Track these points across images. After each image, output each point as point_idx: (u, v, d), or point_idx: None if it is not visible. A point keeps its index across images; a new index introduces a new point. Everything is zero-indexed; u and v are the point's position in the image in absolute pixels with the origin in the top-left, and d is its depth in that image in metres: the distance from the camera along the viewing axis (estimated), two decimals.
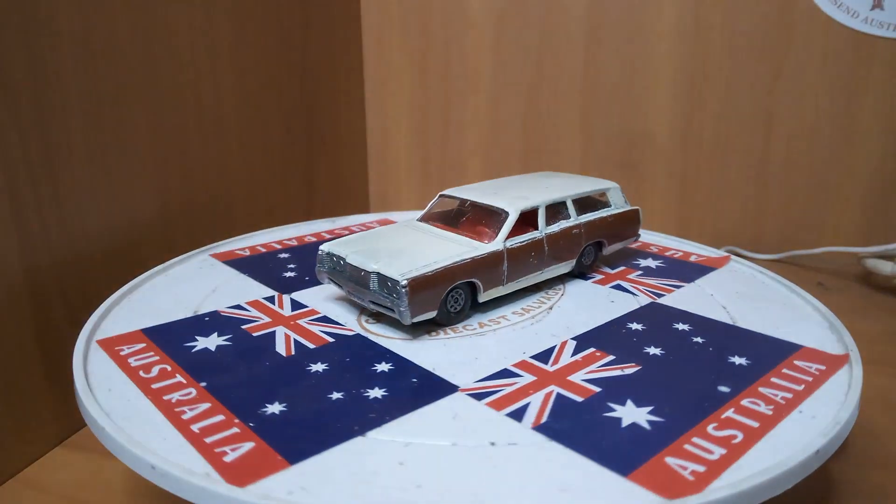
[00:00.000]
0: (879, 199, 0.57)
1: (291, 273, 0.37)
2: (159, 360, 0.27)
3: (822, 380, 0.27)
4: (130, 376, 0.26)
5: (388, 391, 0.25)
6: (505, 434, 0.23)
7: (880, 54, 0.54)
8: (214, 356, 0.27)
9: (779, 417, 0.24)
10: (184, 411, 0.24)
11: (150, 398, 0.24)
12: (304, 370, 0.27)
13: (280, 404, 0.24)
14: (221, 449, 0.21)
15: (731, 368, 0.28)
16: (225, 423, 0.23)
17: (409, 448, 0.22)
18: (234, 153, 0.46)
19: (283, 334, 0.30)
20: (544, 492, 0.20)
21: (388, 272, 0.29)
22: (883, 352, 0.41)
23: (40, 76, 0.31)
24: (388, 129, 0.68)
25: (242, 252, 0.40)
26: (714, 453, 0.22)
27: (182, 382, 0.25)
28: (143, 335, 0.29)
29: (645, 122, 0.61)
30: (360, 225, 0.46)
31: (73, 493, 0.29)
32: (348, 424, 0.23)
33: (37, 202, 0.31)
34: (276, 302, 0.33)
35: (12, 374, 0.30)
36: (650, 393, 0.26)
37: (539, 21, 0.61)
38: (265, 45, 0.49)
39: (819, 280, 0.54)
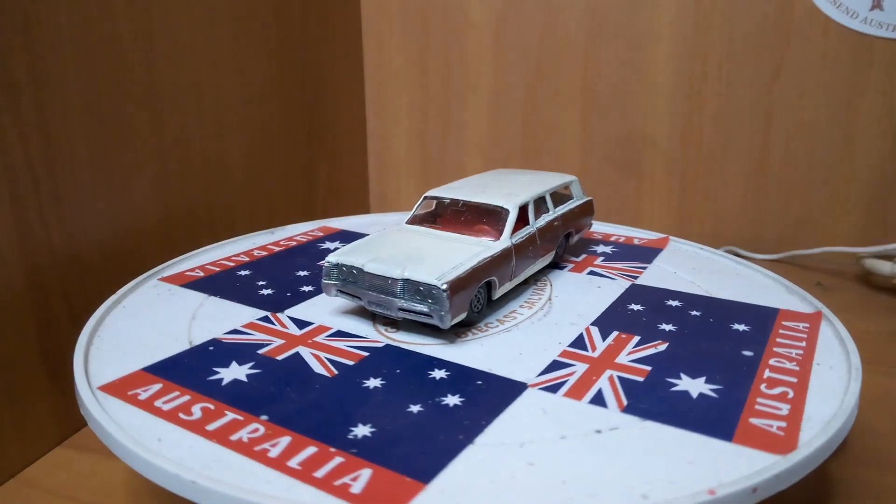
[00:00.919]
0: (879, 199, 0.57)
1: (268, 290, 0.34)
2: (192, 399, 0.24)
3: (814, 335, 0.30)
4: (171, 420, 0.23)
5: (462, 397, 0.25)
6: (602, 420, 0.24)
7: (879, 55, 0.54)
8: (252, 386, 0.25)
9: (806, 371, 0.27)
10: (266, 449, 0.21)
11: (215, 441, 0.22)
12: (362, 387, 0.25)
13: (365, 425, 0.23)
14: (341, 481, 0.20)
15: (738, 335, 0.30)
16: (323, 454, 0.21)
17: (527, 448, 0.22)
18: (234, 153, 0.46)
19: (311, 354, 0.28)
20: (676, 467, 0.21)
21: (422, 278, 0.28)
22: (882, 351, 0.41)
23: (41, 76, 0.31)
24: (388, 129, 0.68)
25: (194, 273, 0.36)
26: (782, 409, 0.24)
27: (239, 420, 0.23)
28: (150, 374, 0.26)
29: (644, 122, 0.61)
30: (304, 234, 0.43)
31: (74, 492, 0.29)
32: (450, 435, 0.22)
33: (38, 202, 0.31)
34: (276, 322, 0.31)
35: (13, 373, 0.30)
36: (693, 365, 0.28)
37: (539, 21, 0.61)
38: (265, 45, 0.49)
39: (818, 280, 0.54)
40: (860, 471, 0.30)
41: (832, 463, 0.30)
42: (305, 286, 0.35)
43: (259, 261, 0.38)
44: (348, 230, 0.45)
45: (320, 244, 0.41)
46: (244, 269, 0.37)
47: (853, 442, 0.32)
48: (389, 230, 0.34)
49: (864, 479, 0.29)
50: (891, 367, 0.39)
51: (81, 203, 0.34)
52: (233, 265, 0.37)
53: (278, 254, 0.39)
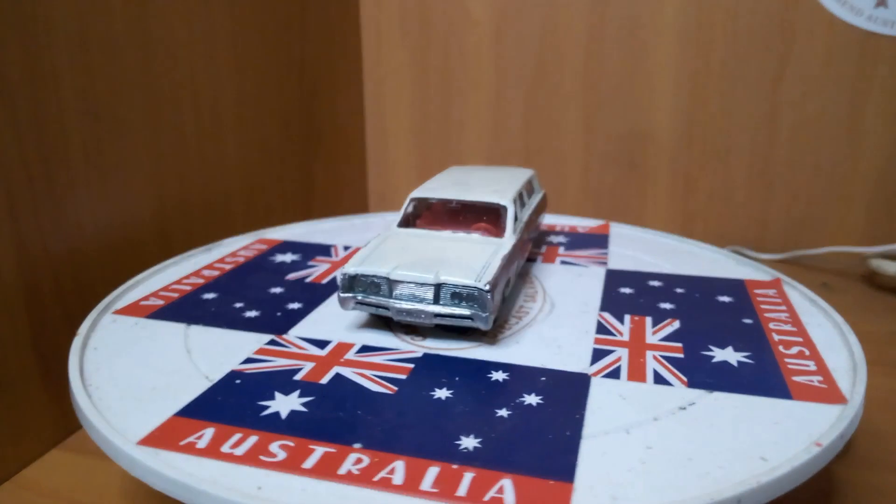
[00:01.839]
0: (884, 198, 0.57)
1: (252, 312, 0.31)
2: (261, 438, 0.22)
3: (786, 299, 0.33)
4: (256, 465, 0.20)
5: (539, 395, 0.24)
6: (677, 397, 0.25)
7: (885, 52, 0.54)
8: (316, 415, 0.23)
9: (803, 329, 0.30)
10: (387, 478, 0.20)
11: (322, 478, 0.20)
12: (434, 399, 0.24)
13: (468, 436, 0.22)
14: (490, 496, 0.19)
15: (728, 306, 0.32)
16: (449, 472, 0.20)
17: (634, 434, 0.22)
18: (231, 152, 0.46)
19: (355, 374, 0.26)
20: (768, 429, 0.23)
21: (461, 280, 0.27)
22: (887, 352, 0.41)
23: (37, 74, 0.31)
24: (387, 128, 0.68)
25: (151, 302, 0.32)
26: (810, 365, 0.27)
27: (332, 452, 0.21)
28: (190, 419, 0.23)
29: (647, 120, 0.61)
30: (245, 248, 0.40)
31: (70, 494, 0.29)
32: (557, 432, 0.22)
33: (33, 201, 0.31)
34: (289, 345, 0.28)
35: (8, 374, 0.30)
36: (713, 337, 0.29)
37: (539, 20, 0.61)
38: (263, 43, 0.49)
39: (823, 280, 0.53)
40: (863, 471, 0.29)
41: (835, 463, 0.30)
42: (291, 304, 0.32)
43: (217, 281, 0.35)
44: (291, 240, 0.42)
45: (271, 257, 0.38)
46: (206, 291, 0.33)
47: (856, 442, 0.31)
48: (388, 235, 0.32)
49: (866, 480, 0.29)
50: (895, 368, 0.39)
51: (77, 202, 0.33)
52: (190, 288, 0.34)
53: (233, 272, 0.36)
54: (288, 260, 0.38)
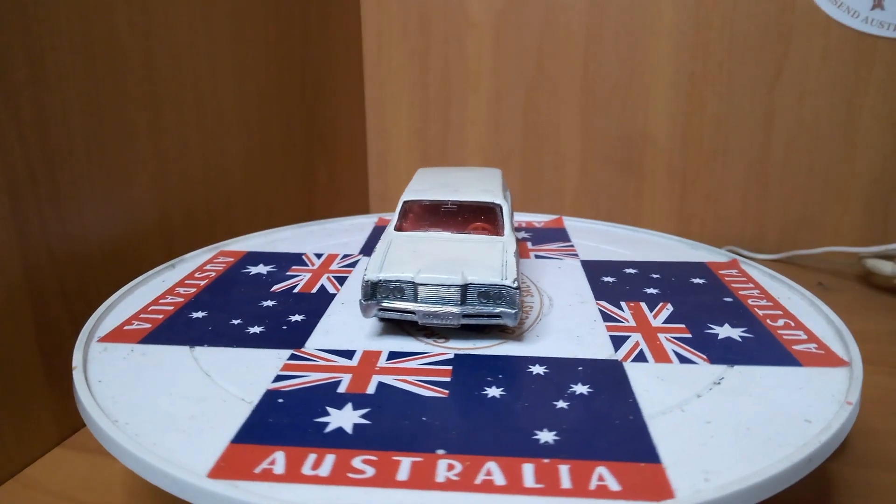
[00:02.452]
0: (880, 198, 0.57)
1: (255, 328, 0.30)
2: (338, 457, 0.21)
3: (750, 277, 0.36)
4: (348, 484, 0.20)
5: (585, 384, 0.25)
6: (706, 374, 0.26)
7: (880, 54, 0.54)
8: (382, 426, 0.23)
9: (780, 303, 0.33)
10: (489, 479, 0.20)
11: (424, 489, 0.19)
12: (489, 399, 0.24)
13: (541, 430, 0.22)
14: (595, 484, 0.19)
15: (704, 287, 0.35)
16: (545, 467, 0.20)
17: (689, 410, 0.24)
18: (233, 153, 0.46)
19: (398, 381, 0.25)
20: (798, 394, 0.25)
21: (489, 279, 0.27)
22: (883, 352, 0.41)
23: (40, 76, 0.31)
24: (388, 129, 0.68)
25: (136, 326, 0.29)
26: (800, 334, 0.29)
27: (420, 461, 0.21)
28: (250, 445, 0.21)
29: (645, 121, 0.61)
30: (210, 262, 0.38)
31: (73, 493, 0.29)
32: (621, 418, 0.23)
33: (36, 202, 0.31)
34: (315, 358, 0.27)
35: (12, 374, 0.30)
36: (707, 316, 0.32)
37: (539, 21, 0.61)
38: (265, 45, 0.49)
39: (819, 280, 0.54)
40: (860, 471, 0.30)
41: (832, 463, 0.30)
42: (292, 316, 0.31)
43: (198, 299, 0.32)
44: (256, 251, 0.40)
45: (243, 270, 0.36)
46: (192, 310, 0.31)
47: (853, 442, 0.32)
48: (391, 240, 0.32)
49: (864, 480, 0.29)
50: (891, 368, 0.39)
51: (80, 203, 0.34)
52: (172, 308, 0.31)
53: (210, 288, 0.34)
54: (263, 271, 0.36)
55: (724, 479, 0.20)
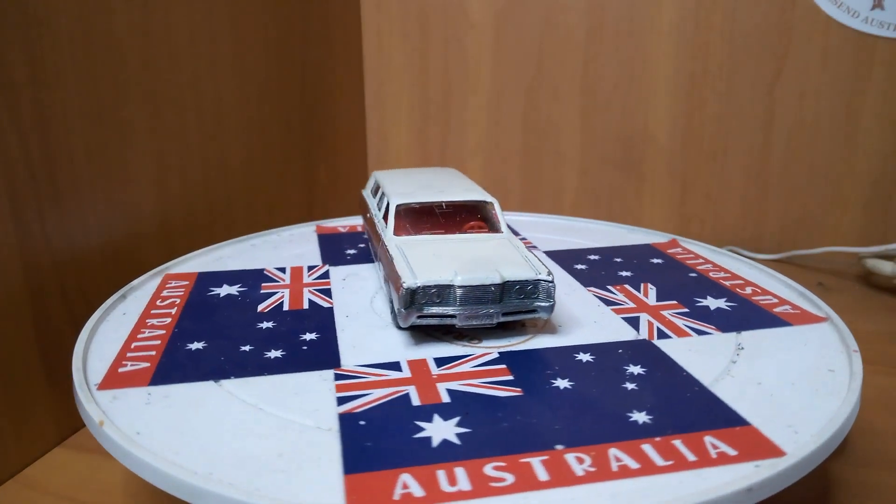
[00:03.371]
0: (880, 199, 0.57)
1: (274, 353, 0.28)
2: (468, 468, 0.21)
3: (696, 254, 0.40)
4: (489, 493, 0.19)
5: (637, 364, 0.27)
6: (727, 341, 0.29)
7: (880, 54, 0.54)
8: (482, 432, 0.22)
9: (737, 274, 0.37)
10: (626, 466, 0.20)
11: (575, 483, 0.20)
12: (562, 390, 0.25)
13: (631, 412, 0.23)
14: (717, 451, 0.21)
15: (665, 266, 0.38)
16: (663, 443, 0.21)
17: (739, 375, 0.26)
18: (233, 153, 0.46)
19: (466, 385, 0.25)
20: (811, 348, 0.28)
21: (526, 275, 0.28)
22: (883, 352, 0.41)
23: (40, 76, 0.31)
24: (388, 129, 0.68)
25: (136, 366, 0.27)
26: (771, 298, 0.33)
27: (547, 459, 0.21)
28: (371, 474, 0.20)
29: (645, 121, 0.61)
30: (167, 288, 0.35)
31: (73, 493, 0.29)
32: (691, 390, 0.25)
33: (37, 202, 0.31)
34: (362, 375, 0.26)
35: (12, 374, 0.30)
36: (687, 291, 0.34)
37: (539, 21, 0.61)
38: (265, 44, 0.49)
39: (819, 280, 0.54)
40: (860, 471, 0.30)
41: (832, 463, 0.30)
42: (304, 335, 0.29)
43: (182, 329, 0.30)
44: (209, 271, 0.37)
45: (210, 293, 0.34)
46: (183, 341, 0.29)
47: (853, 442, 0.32)
48: (399, 245, 0.31)
49: (864, 479, 0.29)
50: (891, 368, 0.39)
51: (80, 203, 0.34)
52: (160, 342, 0.29)
53: (187, 315, 0.31)
54: (234, 292, 0.34)
55: (810, 430, 0.22)
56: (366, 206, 0.39)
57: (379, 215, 0.35)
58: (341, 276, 0.36)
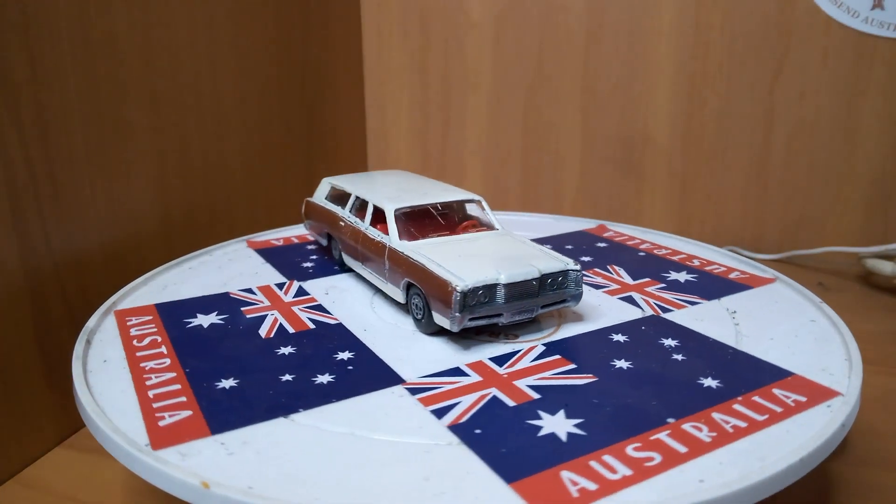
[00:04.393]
0: (880, 198, 0.57)
1: (322, 378, 0.26)
2: (616, 453, 0.21)
3: (630, 235, 0.43)
4: (657, 472, 0.20)
5: (669, 338, 0.29)
6: (720, 307, 0.33)
7: (881, 54, 0.54)
8: (598, 418, 0.23)
9: (671, 247, 0.42)
10: (737, 426, 0.23)
11: (707, 451, 0.21)
12: (627, 370, 0.27)
13: (700, 380, 0.26)
14: (789, 401, 0.24)
15: (612, 249, 0.41)
16: (750, 402, 0.24)
17: (762, 333, 0.30)
18: (234, 153, 0.46)
19: (540, 380, 0.26)
20: (781, 307, 0.33)
21: (559, 267, 0.29)
22: (883, 352, 0.41)
23: (40, 76, 0.31)
24: (388, 129, 0.68)
25: (179, 416, 0.24)
26: (716, 267, 0.39)
27: (671, 432, 0.22)
28: (533, 478, 0.20)
29: (645, 121, 0.61)
30: (133, 325, 0.31)
31: (73, 493, 0.29)
32: (728, 352, 0.28)
33: (37, 202, 0.31)
34: (436, 385, 0.26)
35: (12, 374, 0.30)
36: (647, 269, 0.38)
37: (539, 21, 0.61)
38: (265, 44, 0.49)
39: (819, 280, 0.54)
40: (860, 470, 0.30)
41: (832, 463, 0.30)
42: (338, 354, 0.28)
43: (191, 369, 0.27)
44: (162, 303, 0.33)
45: (188, 323, 0.31)
46: (209, 382, 0.26)
47: (854, 442, 0.32)
48: (422, 250, 0.31)
49: (864, 479, 0.29)
50: (891, 368, 0.39)
51: (80, 203, 0.34)
52: (180, 386, 0.26)
53: (183, 353, 0.28)
54: (216, 321, 0.31)
55: (841, 371, 0.26)
56: (327, 214, 0.38)
57: (364, 223, 0.34)
58: (321, 291, 0.35)
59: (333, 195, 0.39)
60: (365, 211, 0.35)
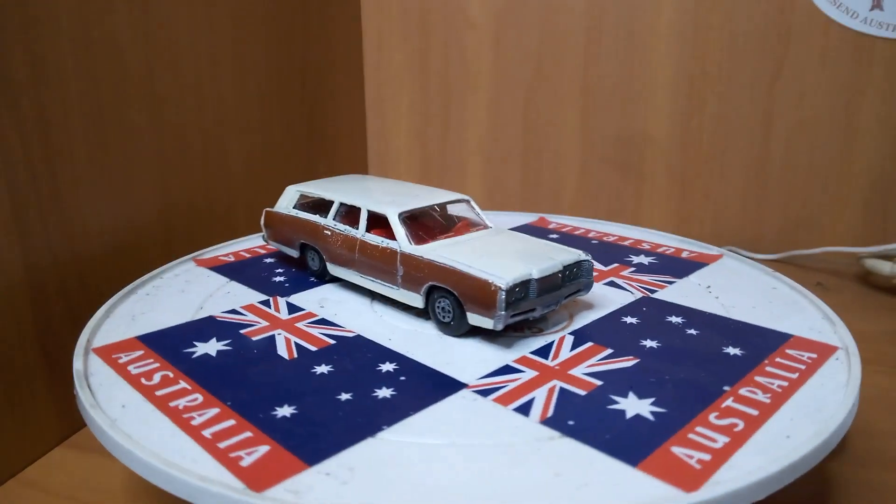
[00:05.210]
0: (879, 199, 0.57)
1: (379, 393, 0.25)
2: (699, 421, 0.23)
3: (563, 223, 0.47)
4: (745, 438, 0.22)
5: (675, 315, 0.32)
6: (693, 283, 0.36)
7: (879, 55, 0.54)
8: (670, 392, 0.25)
9: (621, 231, 0.45)
10: (783, 385, 0.25)
11: (765, 419, 0.23)
12: (656, 349, 0.28)
13: (721, 349, 0.28)
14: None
15: (566, 239, 0.43)
16: (778, 364, 0.27)
17: (765, 297, 0.34)
18: (234, 153, 0.46)
19: (588, 369, 0.27)
20: (746, 274, 0.37)
21: (575, 258, 0.30)
22: (882, 352, 0.41)
23: (41, 76, 0.31)
24: (388, 129, 0.68)
25: (253, 455, 0.22)
26: (671, 247, 0.43)
27: (738, 397, 0.25)
28: (661, 454, 0.21)
29: (644, 122, 0.61)
30: (131, 363, 0.28)
31: (74, 493, 0.29)
32: (730, 322, 0.31)
33: (38, 202, 0.31)
34: (501, 384, 0.26)
35: (13, 373, 0.30)
36: (610, 254, 0.41)
37: (539, 21, 0.61)
38: (266, 45, 0.49)
39: (818, 280, 0.54)
40: (860, 470, 0.30)
41: (832, 462, 0.30)
42: (381, 366, 0.27)
43: (239, 401, 0.25)
44: (144, 334, 0.30)
45: (193, 355, 0.28)
46: (266, 411, 0.24)
47: (853, 441, 0.32)
48: (442, 251, 0.30)
49: (863, 479, 0.29)
50: (890, 367, 0.39)
51: (81, 202, 0.34)
52: (235, 422, 0.23)
53: (209, 384, 0.26)
54: (222, 347, 0.29)
55: (826, 328, 0.30)
56: (301, 223, 0.36)
57: (359, 230, 0.33)
58: (314, 304, 0.33)
59: (304, 203, 0.37)
60: (355, 217, 0.34)
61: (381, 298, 0.34)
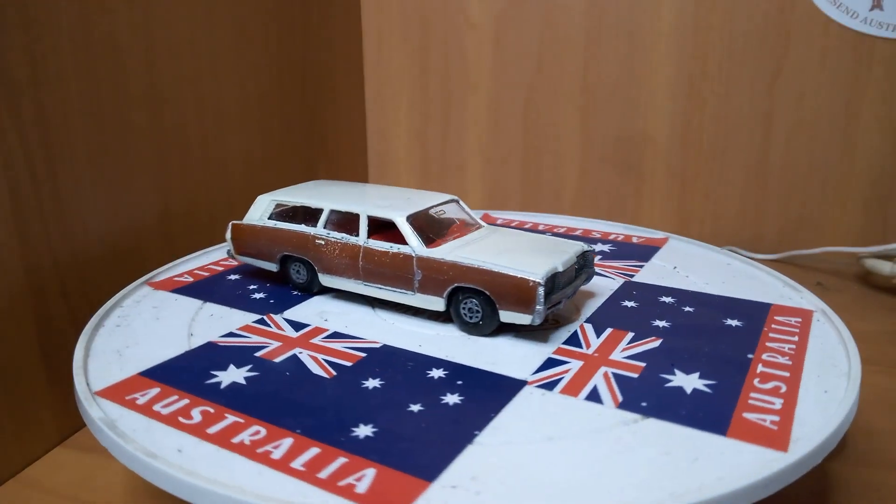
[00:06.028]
0: (879, 199, 0.57)
1: (448, 399, 0.25)
2: (745, 391, 0.25)
3: (509, 220, 0.48)
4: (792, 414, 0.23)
5: (670, 297, 0.33)
6: (661, 265, 0.38)
7: (879, 54, 0.54)
8: (707, 370, 0.26)
9: (566, 223, 0.47)
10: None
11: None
12: (670, 327, 0.30)
13: (724, 320, 0.30)
14: None
15: (530, 233, 0.43)
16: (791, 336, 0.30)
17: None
18: (234, 153, 0.46)
19: (631, 348, 0.28)
20: (709, 257, 0.40)
21: (580, 250, 0.31)
22: (882, 352, 0.41)
23: (41, 76, 0.31)
24: (388, 129, 0.68)
25: (362, 476, 0.21)
26: (621, 235, 0.45)
27: (777, 378, 0.26)
28: (738, 421, 0.23)
29: (644, 122, 0.61)
30: (172, 404, 0.24)
31: (74, 492, 0.29)
32: (718, 299, 0.33)
33: (38, 202, 0.31)
34: (554, 378, 0.26)
35: (13, 373, 0.30)
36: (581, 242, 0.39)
37: (539, 21, 0.61)
38: (265, 45, 0.49)
39: (818, 280, 0.54)
40: (860, 470, 0.30)
41: (832, 462, 0.30)
42: (431, 372, 0.27)
43: (305, 429, 0.23)
44: (149, 368, 0.27)
45: (216, 384, 0.26)
46: (344, 431, 0.23)
47: (853, 441, 0.32)
48: (462, 251, 0.30)
49: (863, 479, 0.29)
50: (890, 367, 0.39)
51: (81, 203, 0.34)
52: (317, 451, 0.22)
53: (252, 410, 0.24)
54: (247, 373, 0.27)
55: (794, 294, 0.33)
56: (284, 234, 0.34)
57: (360, 237, 0.32)
58: (317, 318, 0.32)
59: (280, 213, 0.35)
60: (352, 224, 0.32)
61: (383, 305, 0.33)
